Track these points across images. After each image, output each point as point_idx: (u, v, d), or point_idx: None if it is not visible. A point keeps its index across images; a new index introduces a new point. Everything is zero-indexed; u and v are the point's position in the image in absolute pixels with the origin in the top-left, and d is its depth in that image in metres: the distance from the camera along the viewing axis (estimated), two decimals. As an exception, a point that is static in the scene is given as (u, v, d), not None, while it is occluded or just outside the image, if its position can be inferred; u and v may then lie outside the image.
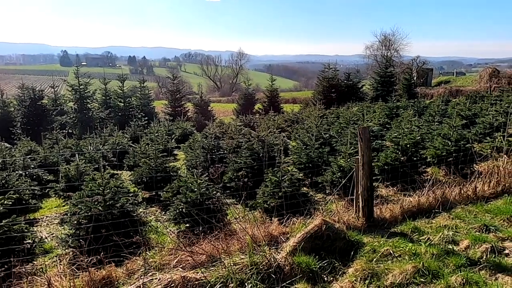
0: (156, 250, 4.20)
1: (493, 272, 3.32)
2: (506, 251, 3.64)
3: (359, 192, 4.72)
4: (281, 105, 28.32)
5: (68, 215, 5.45)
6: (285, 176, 6.10)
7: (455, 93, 27.62)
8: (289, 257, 3.76)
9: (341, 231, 4.20)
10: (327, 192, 6.79)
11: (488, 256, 3.58)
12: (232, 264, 3.61)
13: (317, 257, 3.78)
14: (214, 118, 24.33)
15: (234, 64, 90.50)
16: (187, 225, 5.67)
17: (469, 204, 4.97)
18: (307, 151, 7.97)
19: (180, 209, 5.66)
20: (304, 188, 7.11)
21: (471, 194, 5.20)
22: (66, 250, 5.11)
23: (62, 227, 6.28)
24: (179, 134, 15.23)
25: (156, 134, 12.05)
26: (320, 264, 3.71)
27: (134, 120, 16.99)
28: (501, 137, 7.40)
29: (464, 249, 3.78)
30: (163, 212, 6.99)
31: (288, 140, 11.98)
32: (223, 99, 57.94)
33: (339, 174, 6.47)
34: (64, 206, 7.39)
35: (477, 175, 5.61)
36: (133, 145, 11.78)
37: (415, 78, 31.66)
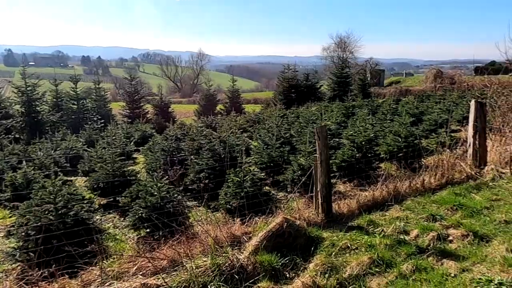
0: (114, 258, 4.05)
1: (439, 258, 3.58)
2: (450, 238, 3.94)
3: (318, 189, 4.88)
4: (243, 105, 28.41)
5: (15, 226, 5.09)
6: (247, 176, 6.14)
7: (405, 93, 29.29)
8: (252, 257, 3.80)
9: (302, 228, 4.31)
10: (288, 190, 6.92)
11: (435, 243, 3.86)
12: (194, 267, 3.58)
13: (279, 254, 3.85)
14: (175, 119, 23.87)
15: (194, 65, 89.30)
16: (148, 230, 5.52)
17: (418, 196, 5.31)
18: (269, 151, 8.07)
19: (140, 214, 5.50)
20: (266, 187, 7.21)
21: (419, 186, 5.55)
22: (13, 265, 4.78)
23: (9, 240, 5.85)
24: (138, 136, 14.77)
25: (114, 137, 11.60)
26: (282, 262, 3.78)
27: (89, 123, 16.21)
28: (445, 132, 7.99)
29: (414, 238, 4.04)
30: (122, 218, 6.75)
31: (250, 141, 12.06)
32: (184, 100, 57.02)
33: (299, 172, 6.62)
34: (10, 217, 6.89)
35: (424, 169, 6.02)
36: (88, 149, 11.24)
37: (369, 79, 33.16)
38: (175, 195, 5.57)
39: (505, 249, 3.46)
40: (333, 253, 3.87)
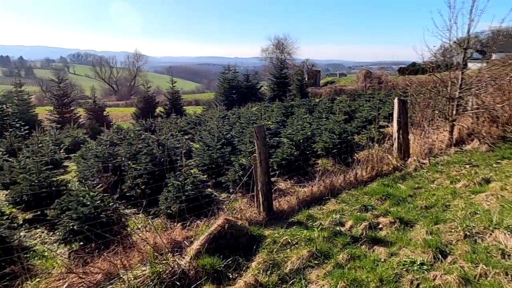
0: (41, 278, 3.70)
1: (371, 245, 3.84)
2: (380, 226, 4.25)
3: (259, 188, 4.95)
4: (184, 107, 27.81)
5: None
6: (188, 179, 6.02)
7: (339, 92, 31.08)
8: (194, 261, 3.73)
9: (244, 228, 4.34)
10: (230, 191, 6.93)
11: (367, 232, 4.12)
12: (132, 278, 3.42)
13: (221, 256, 3.83)
14: (111, 123, 22.58)
15: (131, 66, 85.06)
16: (81, 243, 5.15)
17: (351, 189, 5.64)
18: (210, 152, 8.01)
19: (71, 227, 5.10)
20: (208, 189, 7.14)
21: (353, 180, 5.91)
22: None
23: None
24: (69, 143, 13.71)
25: (40, 145, 10.63)
26: (225, 263, 3.77)
27: (11, 130, 14.62)
28: (374, 128, 8.63)
29: (349, 229, 4.28)
30: (51, 233, 6.21)
31: (191, 143, 11.84)
32: (121, 103, 54.20)
33: (241, 172, 6.67)
34: None
35: (357, 163, 6.43)
36: (9, 159, 10.15)
37: (306, 79, 34.57)
38: (111, 203, 5.26)
39: (425, 232, 3.82)
40: (275, 250, 3.95)
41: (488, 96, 8.90)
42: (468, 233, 3.66)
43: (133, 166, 7.38)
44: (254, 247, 4.07)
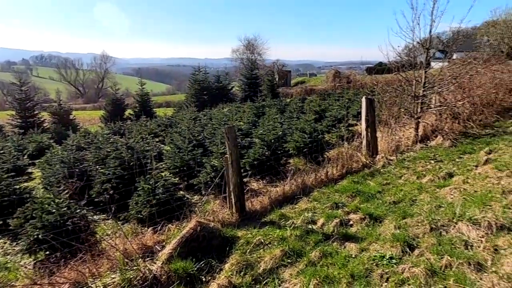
0: (2, 291, 3.49)
1: (342, 242, 3.90)
2: (351, 222, 4.33)
3: (231, 189, 4.91)
4: (154, 109, 27.23)
5: None
6: (159, 182, 5.88)
7: (309, 92, 31.57)
8: (166, 266, 3.65)
9: (217, 230, 4.30)
10: (203, 193, 6.84)
11: (338, 229, 4.19)
12: (101, 286, 3.29)
13: (194, 259, 3.77)
14: (78, 127, 21.74)
15: (98, 68, 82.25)
16: (47, 253, 4.90)
17: (323, 187, 5.72)
18: (181, 155, 7.87)
19: (36, 236, 4.85)
20: (180, 192, 7.01)
21: (324, 178, 6.00)
22: None
23: None
24: (33, 148, 13.04)
25: (1, 151, 10.07)
26: (197, 266, 3.71)
27: (-34, 136, 13.74)
28: (343, 127, 8.82)
29: (320, 227, 4.33)
30: (14, 243, 5.88)
31: (162, 145, 11.61)
32: (89, 106, 52.40)
33: (213, 174, 6.60)
34: None
35: (327, 161, 6.54)
36: (-35, 168, 9.51)
37: (277, 79, 34.85)
38: (78, 210, 5.04)
39: (394, 227, 3.94)
40: (248, 251, 3.93)
41: (450, 94, 9.33)
42: (434, 226, 3.81)
43: (101, 170, 7.13)
44: (227, 248, 4.03)
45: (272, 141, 7.58)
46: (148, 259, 3.86)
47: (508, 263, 2.95)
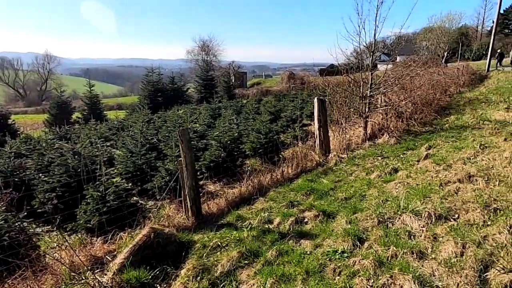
0: None
1: (297, 239, 3.99)
2: (306, 220, 4.44)
3: (186, 192, 4.83)
4: (105, 112, 26.00)
5: None
6: (110, 189, 5.61)
7: (265, 93, 31.96)
8: (117, 276, 3.49)
9: (172, 235, 4.19)
10: (158, 198, 6.64)
11: (294, 227, 4.28)
12: (45, 304, 3.07)
13: (148, 267, 3.65)
14: (18, 132, 20.09)
15: (41, 68, 76.60)
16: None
17: (279, 186, 5.82)
18: (134, 159, 7.58)
19: (-33, 254, 4.39)
20: (134, 198, 6.76)
21: (280, 177, 6.10)
22: None
23: None
24: (-38, 158, 11.80)
25: None
26: (152, 274, 3.60)
27: None
28: (297, 127, 9.04)
29: (277, 226, 4.40)
30: None
31: (113, 150, 11.09)
32: (31, 109, 48.72)
33: (167, 178, 6.43)
34: None
35: (283, 161, 6.66)
36: None
37: (233, 81, 34.87)
38: (16, 223, 4.65)
39: (345, 222, 4.10)
40: (205, 254, 3.88)
41: (394, 94, 9.94)
42: (381, 219, 4.02)
43: (44, 179, 6.65)
44: (183, 253, 3.96)
45: (228, 142, 7.56)
46: (98, 270, 3.67)
47: (445, 249, 3.20)
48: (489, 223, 3.61)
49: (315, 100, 7.29)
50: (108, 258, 3.86)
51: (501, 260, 2.95)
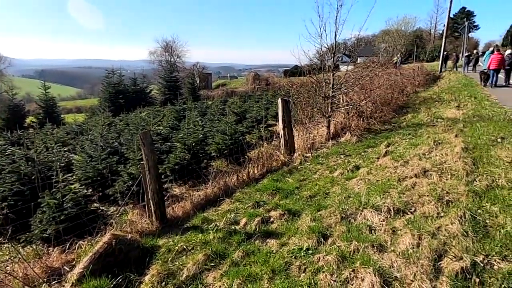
0: None
1: (264, 239, 4.01)
2: (272, 219, 4.48)
3: (150, 196, 4.71)
4: (62, 115, 24.72)
5: None
6: (67, 196, 5.34)
7: (231, 94, 31.92)
8: (76, 287, 3.33)
9: (135, 241, 4.07)
10: (120, 203, 6.41)
11: (260, 227, 4.30)
12: (-5, 322, 2.86)
13: (110, 276, 3.51)
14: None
15: (-12, 70, 71.48)
16: None
17: (245, 187, 5.83)
18: (94, 164, 7.27)
19: None
20: (94, 204, 6.48)
21: (245, 178, 6.11)
22: None
23: None
24: None
25: None
26: (114, 283, 3.47)
27: None
28: (263, 128, 9.11)
29: (243, 226, 4.40)
30: None
31: (72, 155, 10.57)
32: (-23, 114, 45.18)
33: (130, 182, 6.24)
34: None
35: (249, 162, 6.68)
36: None
37: (198, 82, 34.49)
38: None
39: (310, 220, 4.18)
40: (170, 259, 3.80)
41: (355, 94, 10.29)
42: (344, 215, 4.14)
43: (-6, 188, 6.19)
44: (147, 259, 3.85)
45: (193, 144, 7.46)
46: (55, 282, 3.49)
47: (403, 242, 3.35)
48: (442, 214, 3.83)
49: (279, 100, 7.38)
50: (66, 268, 3.67)
51: (453, 249, 3.14)
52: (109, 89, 24.10)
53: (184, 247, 4.00)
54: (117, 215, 5.74)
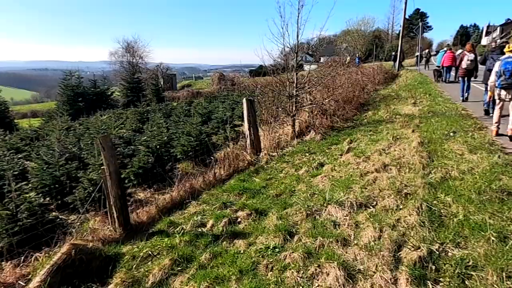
0: None
1: (231, 240, 3.99)
2: (239, 219, 4.47)
3: (112, 202, 4.54)
4: (16, 120, 23.22)
5: None
6: (22, 206, 5.02)
7: (196, 95, 31.53)
8: (33, 302, 3.14)
9: (96, 249, 3.91)
10: (81, 211, 6.13)
11: (227, 228, 4.27)
12: None
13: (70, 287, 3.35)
14: None
15: None
16: None
17: (212, 188, 5.77)
18: (51, 170, 6.89)
19: None
20: (53, 213, 6.13)
21: (212, 179, 6.05)
22: None
23: None
24: None
25: None
26: (74, 295, 3.31)
27: None
28: (229, 128, 9.08)
29: (210, 228, 4.35)
30: None
31: (27, 162, 9.97)
32: None
33: (91, 188, 5.97)
34: None
35: (215, 163, 6.62)
36: None
37: (162, 83, 33.74)
38: None
39: (276, 218, 4.22)
40: (134, 266, 3.69)
41: (318, 93, 10.52)
42: (309, 212, 4.22)
43: None
44: (110, 268, 3.71)
45: (158, 147, 7.28)
46: (9, 299, 3.26)
47: (365, 235, 3.48)
48: (401, 207, 4.01)
49: (244, 100, 7.38)
50: (21, 283, 3.45)
51: (412, 239, 3.29)
52: (67, 92, 22.97)
53: (150, 252, 3.89)
54: (78, 224, 5.49)
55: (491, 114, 7.90)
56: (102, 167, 4.62)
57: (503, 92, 6.58)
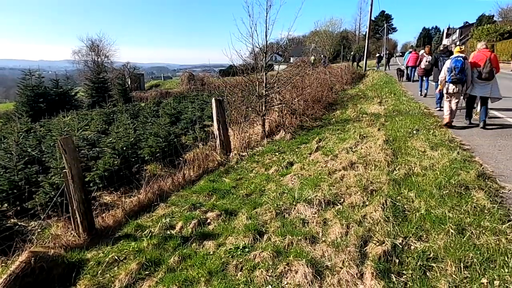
0: None
1: (201, 241, 3.95)
2: (208, 221, 4.42)
3: (75, 207, 4.36)
4: (-31, 123, 21.73)
5: None
6: (-25, 214, 4.71)
7: (165, 95, 30.88)
8: (-13, 315, 2.95)
9: (58, 257, 3.73)
10: (42, 217, 5.83)
11: (196, 229, 4.22)
12: None
13: (29, 298, 3.18)
14: None
15: None
16: None
17: (181, 189, 5.67)
18: (9, 175, 6.50)
19: None
20: (11, 220, 5.81)
21: (181, 181, 5.96)
22: None
23: None
24: None
25: None
26: (34, 305, 3.14)
27: None
28: (199, 128, 8.98)
29: (179, 230, 4.28)
30: None
31: (-19, 167, 9.34)
32: None
33: (53, 193, 5.70)
34: None
35: (184, 164, 6.52)
36: None
37: (129, 83, 32.80)
38: None
39: (246, 218, 4.21)
40: (99, 272, 3.56)
41: (288, 93, 10.63)
42: (279, 211, 4.25)
43: None
44: (74, 275, 3.55)
45: (124, 148, 7.06)
46: (-40, 313, 3.04)
47: (333, 232, 3.55)
48: (367, 203, 4.13)
49: (213, 100, 7.33)
50: (-26, 296, 3.23)
51: (377, 234, 3.40)
52: (27, 92, 21.77)
53: (116, 257, 3.77)
54: (38, 230, 5.23)
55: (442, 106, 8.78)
56: (64, 171, 4.42)
57: (451, 86, 7.33)
